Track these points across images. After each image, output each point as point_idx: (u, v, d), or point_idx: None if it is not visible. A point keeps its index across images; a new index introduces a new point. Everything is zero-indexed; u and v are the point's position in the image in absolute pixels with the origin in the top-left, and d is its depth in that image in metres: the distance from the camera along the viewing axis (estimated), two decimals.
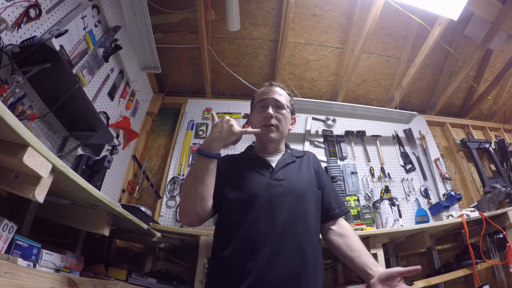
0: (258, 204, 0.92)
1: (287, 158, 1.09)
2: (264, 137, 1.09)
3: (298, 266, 0.87)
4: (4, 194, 1.11)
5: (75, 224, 1.09)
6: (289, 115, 1.14)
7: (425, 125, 2.89)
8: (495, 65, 2.97)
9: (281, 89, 1.16)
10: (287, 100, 1.14)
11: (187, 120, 2.52)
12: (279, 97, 1.12)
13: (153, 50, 1.92)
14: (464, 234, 1.85)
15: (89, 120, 1.43)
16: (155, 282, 1.44)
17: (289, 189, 0.97)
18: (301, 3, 2.36)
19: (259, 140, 1.16)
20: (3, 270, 0.67)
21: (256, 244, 0.87)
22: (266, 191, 0.95)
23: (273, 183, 0.98)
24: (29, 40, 1.14)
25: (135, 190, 2.19)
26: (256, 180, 1.00)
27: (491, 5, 2.30)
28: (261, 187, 0.96)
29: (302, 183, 1.02)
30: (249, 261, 0.84)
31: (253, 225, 0.90)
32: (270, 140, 1.09)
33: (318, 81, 2.88)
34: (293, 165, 1.08)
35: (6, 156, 0.63)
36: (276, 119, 1.08)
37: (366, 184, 2.37)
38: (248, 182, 0.99)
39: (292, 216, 0.93)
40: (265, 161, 1.07)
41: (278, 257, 0.85)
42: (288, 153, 1.13)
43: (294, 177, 1.03)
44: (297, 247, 0.89)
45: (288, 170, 1.05)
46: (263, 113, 1.08)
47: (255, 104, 1.15)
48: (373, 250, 1.58)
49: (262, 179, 1.00)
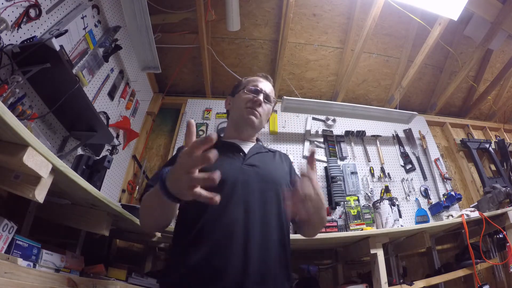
0: (228, 187, 0.83)
1: (259, 147, 1.06)
2: (246, 116, 1.03)
3: (267, 256, 0.79)
4: (4, 194, 1.11)
5: (75, 224, 1.09)
6: (270, 113, 1.13)
7: (425, 125, 2.89)
8: (495, 65, 2.97)
9: (271, 86, 1.16)
10: (273, 97, 1.14)
11: (187, 120, 2.51)
12: (270, 92, 1.12)
13: (153, 50, 1.92)
14: (464, 234, 1.85)
15: (89, 120, 1.43)
16: (155, 282, 1.44)
17: (263, 176, 0.90)
18: (301, 3, 2.36)
19: (234, 122, 1.10)
20: (3, 270, 0.67)
21: (227, 230, 0.78)
22: (238, 175, 0.87)
23: (245, 168, 0.91)
24: (29, 40, 1.14)
25: (135, 190, 2.19)
26: (226, 163, 0.91)
27: (491, 5, 2.30)
28: (233, 172, 0.88)
29: (277, 173, 0.97)
30: (218, 248, 0.76)
31: (222, 210, 0.80)
32: (250, 123, 1.03)
33: (318, 81, 2.88)
34: (266, 154, 1.04)
35: (6, 156, 0.63)
36: (262, 109, 1.06)
37: (366, 184, 2.37)
38: (217, 166, 0.87)
39: (265, 203, 0.85)
40: (236, 145, 1.01)
41: (250, 245, 0.77)
42: (260, 144, 1.11)
43: (269, 165, 0.98)
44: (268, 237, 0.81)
45: (262, 158, 0.99)
46: (254, 97, 1.05)
47: (246, 85, 1.11)
48: (373, 250, 1.59)
49: (233, 163, 0.93)
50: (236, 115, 1.09)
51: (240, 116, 1.05)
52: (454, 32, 2.69)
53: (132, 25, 1.76)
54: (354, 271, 2.04)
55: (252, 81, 1.13)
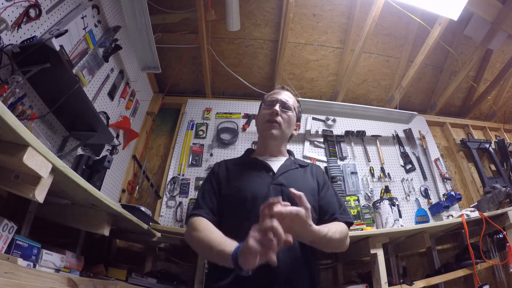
0: (257, 208, 0.84)
1: (289, 164, 1.07)
2: (265, 132, 1.09)
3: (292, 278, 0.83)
4: (4, 194, 1.11)
5: (75, 224, 1.09)
6: (294, 119, 1.14)
7: (425, 125, 2.89)
8: (495, 65, 2.97)
9: (291, 94, 1.19)
10: (294, 104, 1.16)
11: (187, 120, 2.52)
12: (288, 99, 1.14)
13: (153, 50, 1.92)
14: (464, 234, 1.85)
15: (89, 120, 1.43)
16: (155, 282, 1.45)
17: (289, 194, 0.91)
18: (301, 3, 2.36)
19: (260, 138, 1.16)
20: (3, 270, 0.67)
21: None
22: (266, 195, 0.90)
23: (274, 188, 0.94)
24: (29, 40, 1.14)
25: (135, 190, 2.19)
26: (256, 183, 0.97)
27: (491, 5, 2.30)
28: (261, 191, 0.93)
29: (306, 192, 0.94)
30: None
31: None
32: (271, 137, 1.08)
33: (318, 81, 2.88)
34: (296, 172, 1.05)
35: (6, 156, 0.63)
36: (281, 118, 1.08)
37: (366, 184, 2.37)
38: (247, 185, 0.97)
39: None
40: (265, 164, 1.05)
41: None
42: (291, 160, 1.11)
43: (297, 183, 0.98)
44: (295, 259, 0.85)
45: (291, 177, 1.01)
46: (270, 110, 1.09)
47: (264, 103, 1.17)
48: (373, 250, 1.58)
49: (262, 182, 0.97)
50: (260, 132, 1.15)
51: (262, 132, 1.11)
52: (454, 32, 2.69)
53: (132, 25, 1.76)
54: (354, 271, 2.04)
55: (269, 95, 1.19)
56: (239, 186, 0.98)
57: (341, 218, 0.97)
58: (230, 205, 0.96)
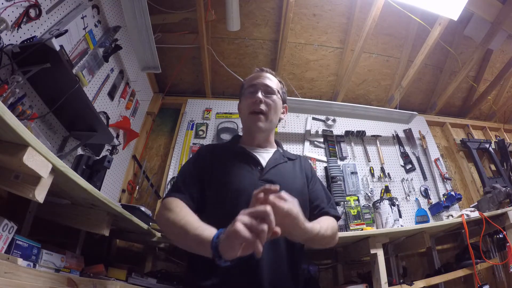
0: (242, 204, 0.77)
1: (278, 157, 1.01)
2: (251, 126, 1.01)
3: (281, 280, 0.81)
4: (4, 194, 1.11)
5: (75, 224, 1.09)
6: (280, 102, 1.05)
7: (425, 125, 2.89)
8: (495, 65, 2.98)
9: (271, 75, 1.09)
10: (278, 86, 1.07)
11: (187, 120, 2.52)
12: (269, 82, 1.05)
13: (153, 50, 1.92)
14: (464, 234, 1.85)
15: (89, 120, 1.43)
16: (155, 282, 1.44)
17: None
18: (301, 3, 2.36)
19: (246, 130, 1.08)
20: (3, 270, 0.67)
21: None
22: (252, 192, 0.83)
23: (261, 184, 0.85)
24: (29, 40, 1.14)
25: (135, 190, 2.19)
26: (243, 177, 0.91)
27: (491, 5, 2.30)
28: (249, 187, 0.85)
29: (294, 187, 0.92)
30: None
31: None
32: (258, 130, 1.01)
33: (318, 81, 2.88)
34: (285, 166, 1.00)
35: (6, 156, 0.63)
36: (266, 105, 1.00)
37: (366, 184, 2.37)
38: (233, 180, 0.90)
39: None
40: (253, 156, 0.98)
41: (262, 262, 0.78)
42: (280, 153, 1.05)
43: (287, 180, 0.94)
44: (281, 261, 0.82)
45: (280, 172, 0.96)
46: (252, 98, 1.00)
47: (244, 90, 1.07)
48: (373, 250, 1.58)
49: (249, 177, 0.91)
50: (244, 122, 1.07)
51: (247, 123, 1.03)
52: (454, 32, 2.69)
53: (132, 25, 1.76)
54: (354, 271, 2.04)
55: (249, 80, 1.09)
56: (224, 178, 0.91)
57: (330, 211, 0.95)
58: (213, 198, 0.89)
